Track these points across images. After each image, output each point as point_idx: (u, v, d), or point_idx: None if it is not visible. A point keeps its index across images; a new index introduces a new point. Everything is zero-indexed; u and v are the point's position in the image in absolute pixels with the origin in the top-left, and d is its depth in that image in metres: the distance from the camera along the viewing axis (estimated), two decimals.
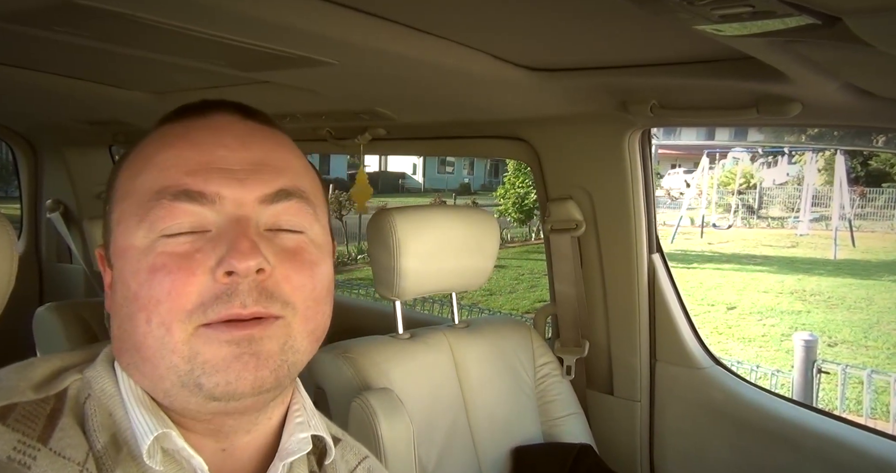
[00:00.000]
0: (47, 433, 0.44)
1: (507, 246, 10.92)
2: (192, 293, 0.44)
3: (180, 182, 0.47)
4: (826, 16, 0.53)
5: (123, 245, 0.48)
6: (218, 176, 0.47)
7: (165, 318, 0.44)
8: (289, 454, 0.52)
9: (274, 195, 0.48)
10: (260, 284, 0.45)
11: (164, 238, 0.46)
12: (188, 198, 0.46)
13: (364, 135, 1.57)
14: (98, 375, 0.49)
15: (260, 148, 0.50)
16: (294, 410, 0.55)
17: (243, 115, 0.52)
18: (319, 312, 0.50)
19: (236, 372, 0.44)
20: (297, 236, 0.49)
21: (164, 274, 0.45)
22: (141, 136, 0.54)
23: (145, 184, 0.48)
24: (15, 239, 0.59)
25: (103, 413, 0.47)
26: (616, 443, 1.45)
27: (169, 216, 0.46)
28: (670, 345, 1.40)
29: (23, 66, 1.14)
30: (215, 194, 0.47)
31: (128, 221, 0.48)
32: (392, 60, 0.88)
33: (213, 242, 0.46)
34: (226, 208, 0.47)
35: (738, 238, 12.63)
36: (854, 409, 4.11)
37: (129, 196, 0.49)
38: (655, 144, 8.28)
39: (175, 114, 0.52)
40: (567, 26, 0.80)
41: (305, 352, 0.49)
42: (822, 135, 13.78)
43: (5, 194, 11.59)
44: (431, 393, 1.24)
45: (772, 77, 0.81)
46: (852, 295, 7.81)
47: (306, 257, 0.49)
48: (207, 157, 0.48)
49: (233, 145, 0.49)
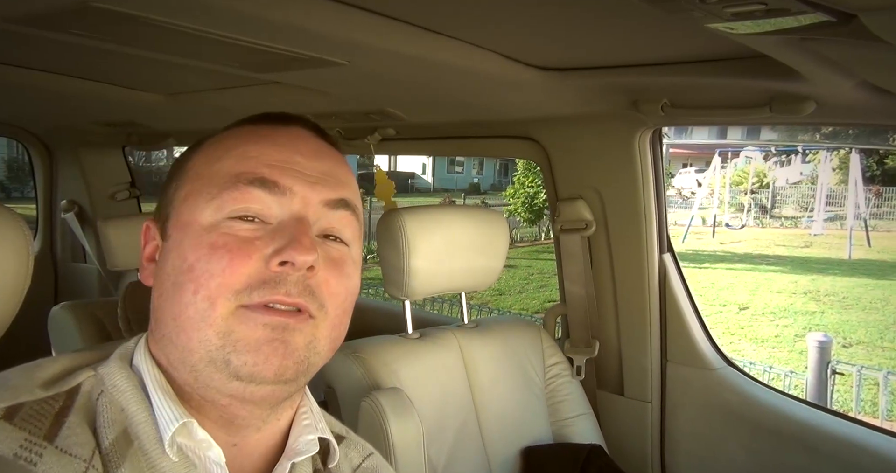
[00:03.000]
0: (54, 431, 0.44)
1: (517, 246, 10.90)
2: (243, 275, 0.47)
3: (259, 171, 0.51)
4: (841, 13, 0.52)
5: (188, 219, 0.51)
6: (292, 174, 0.51)
7: (213, 292, 0.47)
8: (296, 453, 0.54)
9: (336, 201, 0.53)
10: (306, 280, 0.49)
11: (230, 220, 0.49)
12: (262, 186, 0.50)
13: (374, 135, 1.58)
14: (112, 371, 0.50)
15: (329, 162, 0.55)
16: (301, 412, 0.57)
17: (316, 133, 0.57)
18: (343, 323, 0.53)
19: (265, 355, 0.47)
20: (343, 248, 0.54)
21: (223, 252, 0.48)
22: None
23: (223, 168, 0.52)
24: (31, 240, 0.60)
25: (115, 408, 0.48)
26: (627, 444, 1.45)
27: (241, 199, 0.50)
28: (681, 346, 1.39)
29: (38, 69, 1.16)
30: (287, 187, 0.51)
31: (197, 198, 0.51)
32: (402, 61, 0.88)
33: (272, 234, 0.49)
34: (292, 204, 0.51)
35: (751, 237, 12.51)
36: (869, 411, 4.05)
37: (202, 176, 0.52)
38: (666, 143, 8.23)
39: (257, 118, 0.56)
40: (578, 25, 0.79)
41: (324, 357, 0.52)
42: (836, 134, 13.62)
43: (21, 195, 11.77)
44: (441, 392, 1.24)
45: (785, 75, 0.81)
46: (868, 296, 7.70)
47: (345, 269, 0.53)
48: (286, 157, 0.52)
49: (307, 154, 0.54)
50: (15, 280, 0.58)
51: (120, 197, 2.37)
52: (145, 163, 16.04)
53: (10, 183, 13.61)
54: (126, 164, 2.42)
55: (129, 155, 2.46)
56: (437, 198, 15.99)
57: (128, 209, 2.37)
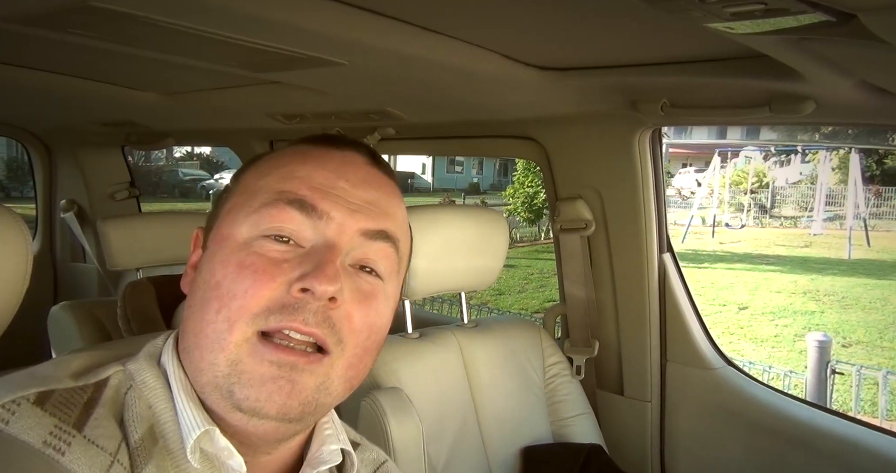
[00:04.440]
0: (83, 420, 0.44)
1: (517, 246, 10.89)
2: (263, 298, 0.46)
3: (300, 192, 0.50)
4: (840, 13, 0.52)
5: (226, 233, 0.51)
6: (334, 198, 0.50)
7: (233, 314, 0.46)
8: (319, 462, 0.53)
9: (375, 232, 0.51)
10: (326, 311, 0.47)
11: (263, 238, 0.49)
12: (300, 208, 0.49)
13: (374, 134, 1.58)
14: (141, 368, 0.50)
15: (376, 192, 0.53)
16: (323, 422, 0.56)
17: (370, 160, 0.55)
18: (363, 362, 0.51)
19: (268, 392, 0.46)
20: (376, 281, 0.52)
21: (249, 272, 0.47)
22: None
23: (268, 184, 0.51)
24: (30, 239, 0.60)
25: (143, 404, 0.48)
26: (626, 444, 1.45)
27: (277, 217, 0.49)
28: (681, 345, 1.39)
29: (38, 68, 1.16)
30: (325, 213, 0.50)
31: (238, 212, 0.51)
32: (402, 60, 0.88)
33: (302, 258, 0.48)
34: (329, 230, 0.50)
35: (751, 237, 12.51)
36: (869, 411, 4.05)
37: (248, 191, 0.52)
38: (666, 143, 8.22)
39: (314, 139, 0.56)
40: (577, 25, 0.79)
41: (338, 397, 0.50)
42: (836, 134, 13.62)
43: (21, 194, 11.76)
44: (440, 392, 1.24)
45: (785, 75, 0.81)
46: (867, 296, 7.70)
47: (374, 305, 0.51)
48: (331, 183, 0.51)
49: (355, 181, 0.52)
50: (14, 279, 0.58)
51: (119, 196, 2.37)
52: (145, 163, 16.03)
53: (9, 182, 13.61)
54: (125, 164, 2.42)
55: (128, 154, 2.46)
56: (436, 198, 15.97)
57: (127, 209, 2.37)
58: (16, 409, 0.42)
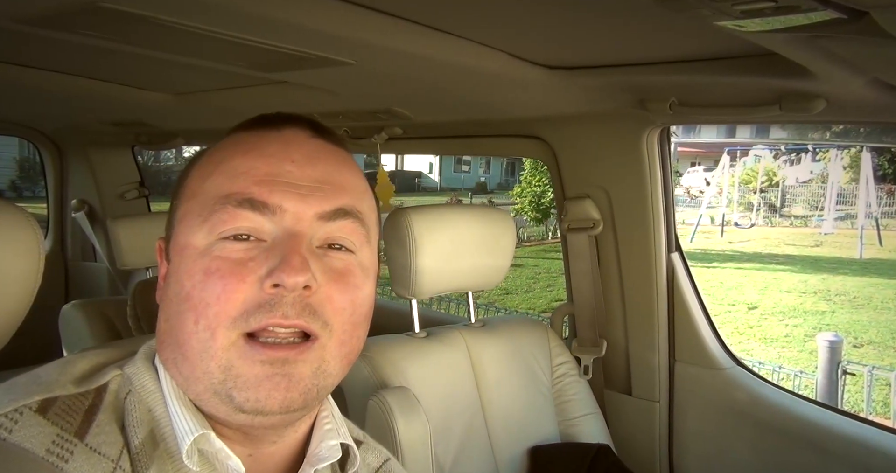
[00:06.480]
0: (84, 428, 0.44)
1: (524, 246, 10.87)
2: (238, 301, 0.46)
3: (247, 190, 0.48)
4: (852, 10, 0.52)
5: (184, 242, 0.49)
6: (282, 189, 0.49)
7: (212, 322, 0.46)
8: (319, 460, 0.53)
9: (332, 213, 0.50)
10: (304, 299, 0.47)
11: (222, 240, 0.48)
12: (251, 207, 0.48)
13: (381, 134, 1.58)
14: (138, 371, 0.50)
15: (325, 166, 0.51)
16: (323, 417, 0.56)
17: (314, 132, 0.53)
18: (355, 336, 0.51)
19: (266, 391, 0.46)
20: (347, 256, 0.51)
21: (217, 278, 0.46)
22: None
23: (213, 187, 0.50)
24: (42, 238, 0.60)
25: (143, 408, 0.48)
26: (635, 444, 1.44)
27: (231, 220, 0.48)
28: (690, 345, 1.38)
29: (48, 69, 1.17)
30: (277, 206, 0.48)
31: (191, 220, 0.50)
32: (409, 60, 0.88)
33: (267, 252, 0.47)
34: (285, 221, 0.48)
35: (760, 237, 12.41)
36: (881, 412, 4.01)
37: (196, 196, 0.51)
38: (675, 142, 8.18)
39: (249, 124, 0.54)
40: (585, 24, 0.79)
41: (337, 375, 0.50)
42: (847, 132, 13.47)
43: (32, 194, 11.88)
44: (448, 391, 1.24)
45: (795, 73, 0.80)
46: (879, 295, 7.62)
47: (351, 280, 0.50)
48: (275, 170, 0.49)
49: (300, 161, 0.50)
50: (26, 278, 0.58)
51: (129, 196, 2.39)
52: (154, 163, 16.14)
53: (21, 182, 13.76)
54: (135, 164, 2.44)
55: (137, 154, 2.48)
56: (443, 197, 15.98)
57: (137, 208, 2.39)
58: (19, 418, 0.43)
